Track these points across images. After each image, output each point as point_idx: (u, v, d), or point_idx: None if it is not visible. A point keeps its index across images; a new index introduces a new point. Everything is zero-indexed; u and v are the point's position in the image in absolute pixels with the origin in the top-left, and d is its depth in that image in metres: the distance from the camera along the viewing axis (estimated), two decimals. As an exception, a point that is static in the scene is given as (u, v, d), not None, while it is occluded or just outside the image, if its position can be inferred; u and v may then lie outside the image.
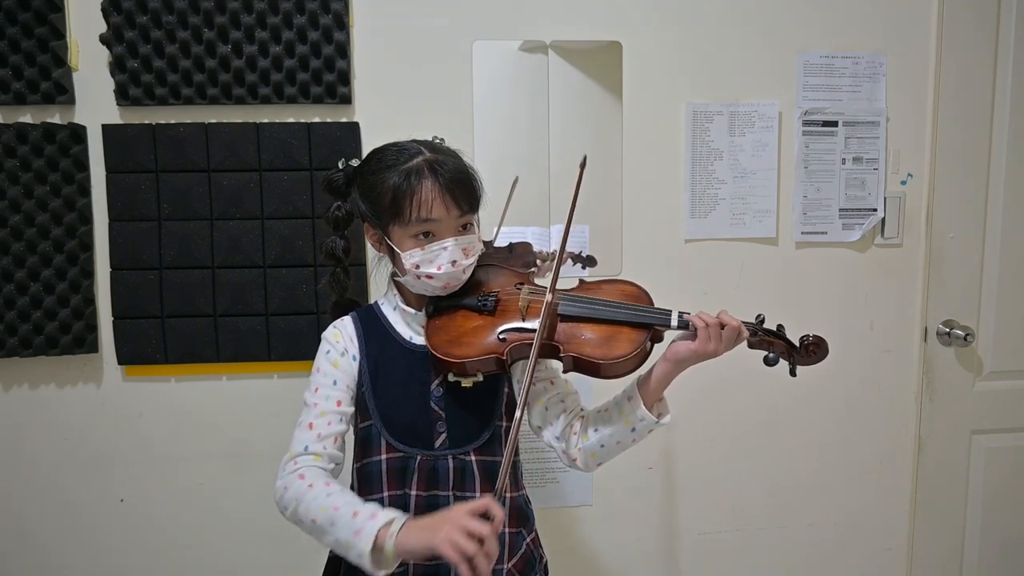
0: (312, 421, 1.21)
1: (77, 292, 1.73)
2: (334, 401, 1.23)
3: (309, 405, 1.23)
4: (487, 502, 1.03)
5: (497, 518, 1.02)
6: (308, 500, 1.12)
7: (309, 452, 1.19)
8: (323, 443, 1.20)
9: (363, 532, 1.05)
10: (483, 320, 1.23)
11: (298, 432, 1.21)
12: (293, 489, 1.15)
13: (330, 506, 1.10)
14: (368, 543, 1.03)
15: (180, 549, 1.84)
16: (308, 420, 1.22)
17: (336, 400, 1.23)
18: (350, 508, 1.09)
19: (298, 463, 1.18)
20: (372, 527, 1.05)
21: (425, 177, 1.16)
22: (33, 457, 1.80)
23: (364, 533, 1.04)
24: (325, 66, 1.72)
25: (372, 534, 1.04)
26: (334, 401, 1.23)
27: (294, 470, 1.17)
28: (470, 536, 0.99)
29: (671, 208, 1.86)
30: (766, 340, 1.24)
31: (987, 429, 2.01)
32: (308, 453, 1.19)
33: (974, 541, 2.05)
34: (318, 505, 1.11)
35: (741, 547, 1.99)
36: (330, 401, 1.23)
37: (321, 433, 1.20)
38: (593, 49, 1.80)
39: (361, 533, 1.05)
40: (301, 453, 1.19)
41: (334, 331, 1.28)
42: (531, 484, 1.87)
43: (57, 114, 1.72)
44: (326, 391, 1.23)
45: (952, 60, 1.88)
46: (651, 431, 1.24)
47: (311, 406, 1.23)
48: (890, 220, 1.91)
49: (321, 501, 1.11)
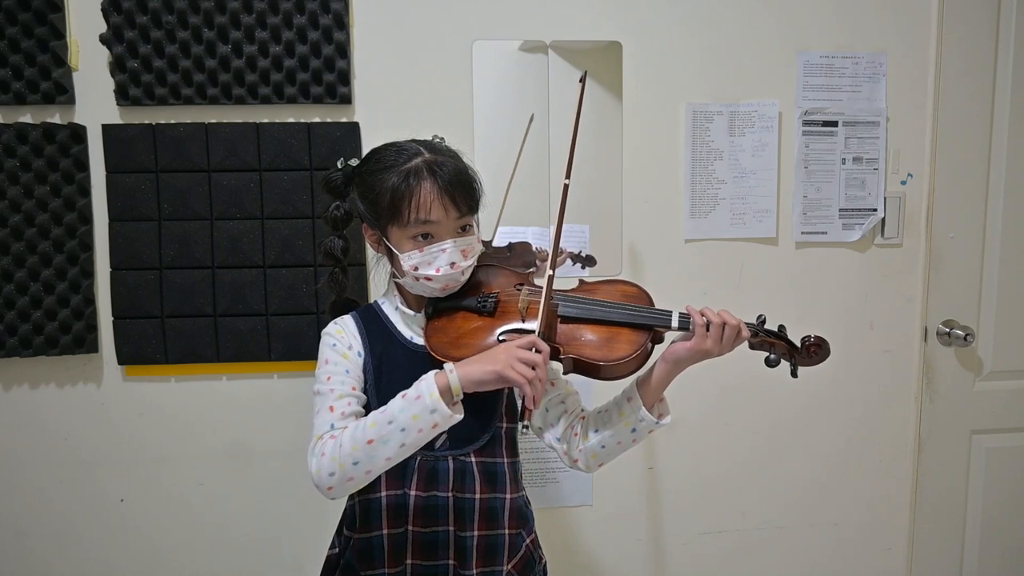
0: (332, 404, 1.18)
1: (77, 292, 1.73)
2: (349, 386, 1.21)
3: (324, 393, 1.20)
4: (533, 338, 1.12)
5: (544, 351, 1.11)
6: (349, 437, 1.10)
7: (335, 430, 1.15)
8: (345, 421, 1.16)
9: (423, 393, 1.08)
10: (483, 321, 1.23)
11: (318, 418, 1.18)
12: (330, 450, 1.11)
13: (376, 416, 1.11)
14: (433, 391, 1.07)
15: (180, 549, 1.84)
16: (327, 404, 1.18)
17: (351, 385, 1.21)
18: (395, 401, 1.11)
19: (324, 437, 1.14)
20: (428, 381, 1.09)
21: (424, 178, 1.16)
22: (33, 457, 1.80)
23: (424, 392, 1.08)
24: (325, 66, 1.72)
25: (432, 384, 1.08)
26: (349, 386, 1.21)
27: (323, 442, 1.13)
28: (526, 362, 1.08)
29: (671, 208, 1.86)
30: (767, 341, 1.24)
31: (987, 429, 2.01)
32: (334, 430, 1.15)
33: (974, 541, 2.05)
34: (364, 428, 1.10)
35: (741, 547, 1.99)
36: (346, 386, 1.21)
37: (344, 412, 1.17)
38: (593, 49, 1.80)
39: (422, 396, 1.08)
40: (327, 431, 1.15)
41: (336, 327, 1.28)
42: (531, 484, 1.87)
43: (57, 114, 1.72)
44: (340, 377, 1.21)
45: (952, 60, 1.88)
46: (651, 431, 1.24)
47: (326, 393, 1.19)
48: (890, 220, 1.91)
49: (364, 424, 1.11)
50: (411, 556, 1.24)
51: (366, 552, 1.25)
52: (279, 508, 1.83)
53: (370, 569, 1.25)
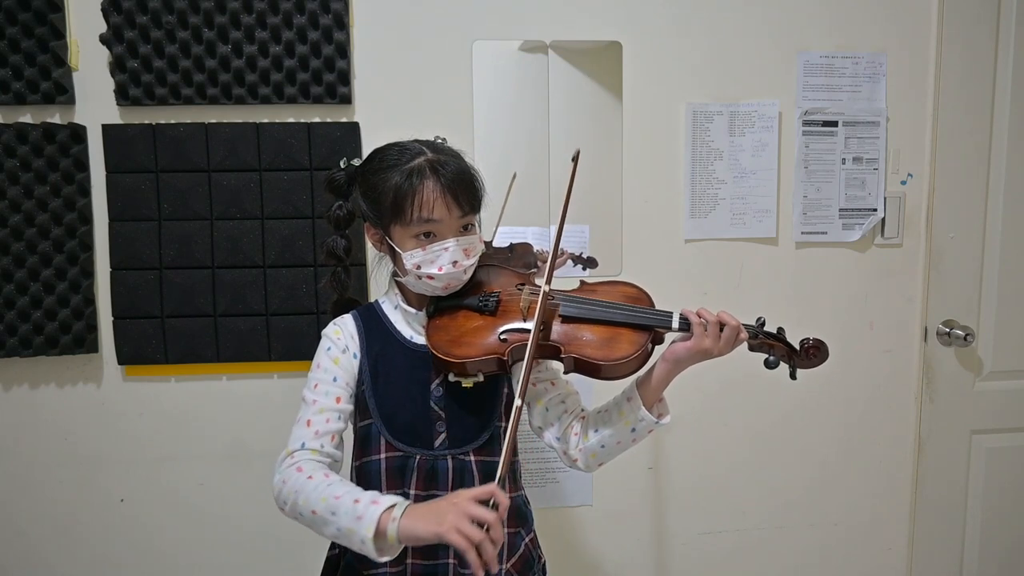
0: (310, 418, 1.20)
1: (77, 292, 1.73)
2: (333, 398, 1.22)
3: (308, 402, 1.22)
4: (492, 488, 1.01)
5: (502, 505, 1.00)
6: (308, 491, 1.10)
7: (306, 448, 1.18)
8: (320, 440, 1.19)
9: (365, 518, 1.03)
10: (484, 320, 1.23)
11: (296, 429, 1.21)
12: (292, 482, 1.13)
13: (331, 495, 1.08)
14: (371, 529, 1.02)
15: (180, 549, 1.84)
16: (306, 417, 1.21)
17: (336, 397, 1.22)
18: (351, 496, 1.07)
19: (295, 458, 1.17)
20: (374, 512, 1.03)
21: (427, 177, 1.16)
22: (33, 457, 1.80)
23: (366, 519, 1.03)
24: (325, 66, 1.72)
25: (374, 520, 1.02)
26: (333, 398, 1.22)
27: (291, 464, 1.16)
28: (475, 522, 0.97)
29: (671, 208, 1.86)
30: (766, 343, 1.24)
31: (987, 429, 2.01)
32: (305, 449, 1.18)
33: (974, 541, 2.05)
34: (318, 495, 1.09)
35: (741, 547, 1.99)
36: (329, 398, 1.22)
37: (319, 430, 1.19)
38: (593, 49, 1.80)
39: (363, 519, 1.03)
40: (298, 449, 1.18)
41: (335, 328, 1.28)
42: (531, 484, 1.87)
43: (57, 114, 1.72)
44: (326, 387, 1.23)
45: (952, 60, 1.88)
46: (651, 431, 1.24)
47: (309, 403, 1.22)
48: (890, 220, 1.91)
49: (322, 491, 1.09)
50: (411, 556, 1.24)
51: (366, 552, 1.26)
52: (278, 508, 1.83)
53: (371, 569, 1.25)
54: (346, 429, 1.25)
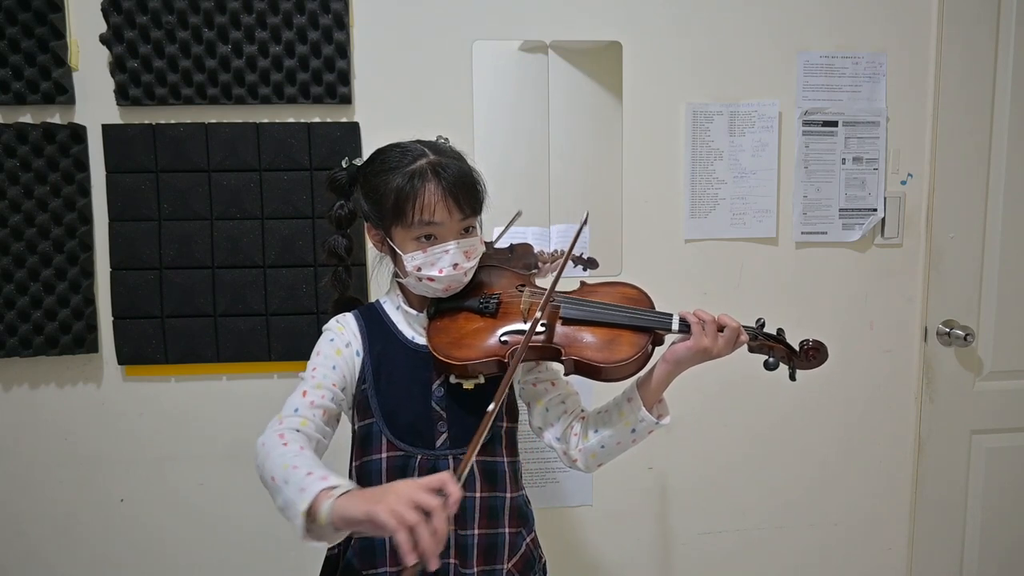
0: (306, 389, 1.18)
1: (77, 292, 1.73)
2: (331, 380, 1.21)
3: (305, 378, 1.21)
4: (444, 477, 0.94)
5: (452, 496, 0.92)
6: (275, 456, 1.06)
7: (299, 415, 1.15)
8: (313, 411, 1.16)
9: (307, 491, 0.95)
10: (485, 322, 1.23)
11: (291, 397, 1.18)
12: (268, 445, 1.09)
13: (291, 464, 1.02)
14: (305, 503, 0.94)
15: (180, 549, 1.85)
16: (303, 388, 1.19)
17: (332, 381, 1.21)
18: (306, 469, 1.00)
19: (283, 423, 1.13)
20: (316, 487, 0.95)
21: (428, 180, 1.16)
22: (33, 457, 1.80)
23: (307, 492, 0.95)
24: (325, 66, 1.72)
25: (313, 494, 0.94)
26: (331, 380, 1.21)
27: (277, 429, 1.12)
28: (416, 508, 0.90)
29: (671, 208, 1.86)
30: (766, 344, 1.24)
31: (987, 429, 2.01)
32: (297, 415, 1.15)
33: (974, 541, 2.05)
34: (281, 462, 1.03)
35: (741, 547, 1.99)
36: (327, 379, 1.21)
37: (314, 401, 1.17)
38: (593, 49, 1.80)
39: (305, 492, 0.95)
40: (290, 415, 1.15)
41: (337, 324, 1.28)
42: (531, 484, 1.87)
43: (57, 114, 1.72)
44: (324, 371, 1.21)
45: (952, 60, 1.88)
46: (651, 432, 1.24)
47: (307, 378, 1.20)
48: (890, 220, 1.91)
49: (286, 459, 1.04)
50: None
51: (367, 551, 1.25)
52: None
53: (371, 568, 1.25)
54: (339, 415, 1.23)
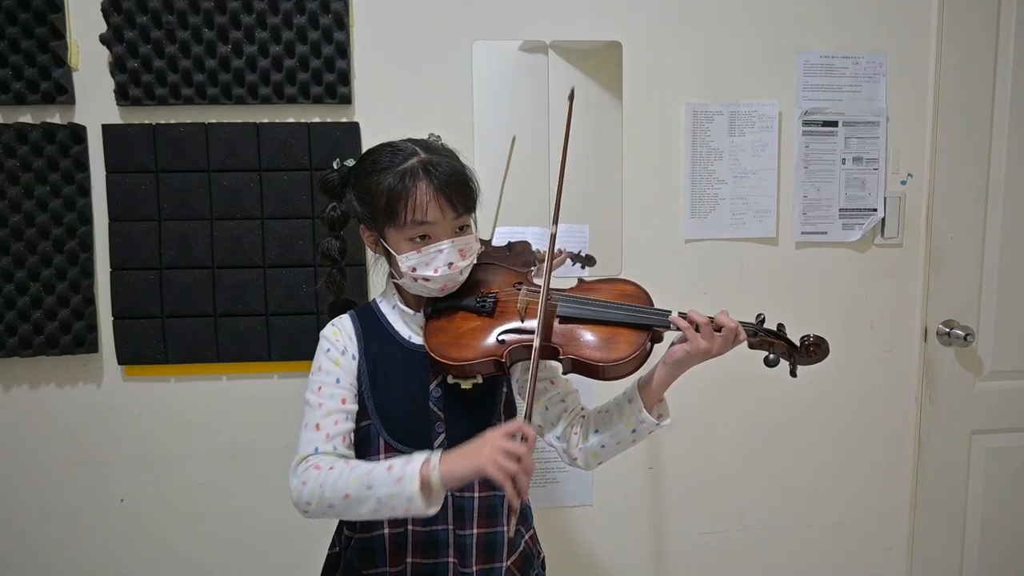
0: (319, 422, 1.18)
1: (77, 292, 1.73)
2: (339, 399, 1.21)
3: (313, 406, 1.20)
4: (519, 424, 1.07)
5: (530, 437, 1.06)
6: (333, 479, 1.11)
7: (319, 453, 1.16)
8: (332, 443, 1.17)
9: (406, 478, 1.06)
10: (482, 321, 1.23)
11: (304, 434, 1.18)
12: (313, 480, 1.12)
13: (360, 474, 1.10)
14: (415, 483, 1.05)
15: (180, 549, 1.85)
16: (314, 421, 1.19)
17: (341, 398, 1.21)
18: (382, 466, 1.10)
19: (310, 461, 1.15)
20: (413, 469, 1.07)
21: (420, 179, 1.15)
22: (33, 457, 1.80)
23: (408, 478, 1.06)
24: (325, 66, 1.72)
25: (415, 474, 1.06)
26: (339, 399, 1.21)
27: (308, 466, 1.14)
28: (509, 455, 1.03)
29: (671, 208, 1.86)
30: (766, 340, 1.23)
31: (987, 429, 2.01)
32: (319, 454, 1.16)
33: (974, 541, 2.05)
34: (347, 479, 1.10)
35: (741, 547, 1.99)
36: (335, 400, 1.20)
37: (329, 433, 1.18)
38: (593, 49, 1.80)
39: (404, 479, 1.06)
40: (311, 454, 1.16)
41: (333, 329, 1.27)
42: (531, 484, 1.85)
43: (57, 114, 1.72)
44: (330, 389, 1.21)
45: (952, 60, 1.88)
46: (651, 432, 1.24)
47: (315, 407, 1.20)
48: (890, 220, 1.91)
49: (348, 475, 1.11)
50: (411, 555, 1.24)
51: (367, 551, 1.25)
52: (279, 508, 1.83)
53: (371, 568, 1.25)
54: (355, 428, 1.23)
